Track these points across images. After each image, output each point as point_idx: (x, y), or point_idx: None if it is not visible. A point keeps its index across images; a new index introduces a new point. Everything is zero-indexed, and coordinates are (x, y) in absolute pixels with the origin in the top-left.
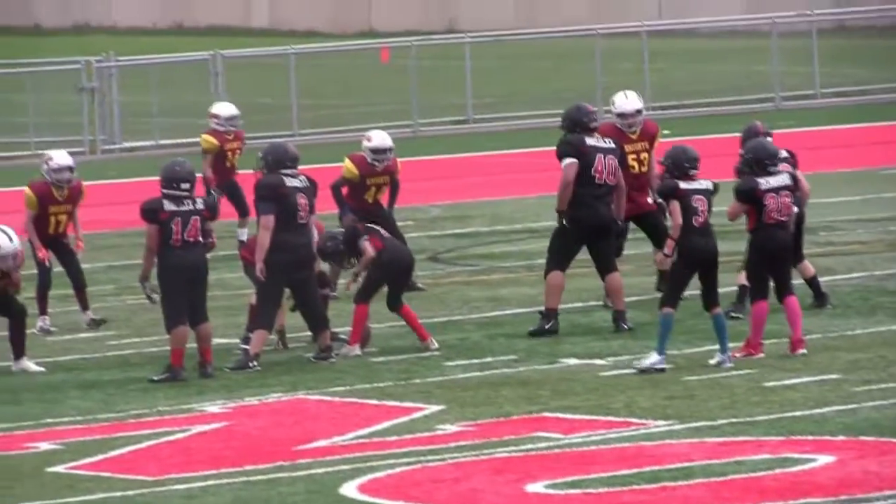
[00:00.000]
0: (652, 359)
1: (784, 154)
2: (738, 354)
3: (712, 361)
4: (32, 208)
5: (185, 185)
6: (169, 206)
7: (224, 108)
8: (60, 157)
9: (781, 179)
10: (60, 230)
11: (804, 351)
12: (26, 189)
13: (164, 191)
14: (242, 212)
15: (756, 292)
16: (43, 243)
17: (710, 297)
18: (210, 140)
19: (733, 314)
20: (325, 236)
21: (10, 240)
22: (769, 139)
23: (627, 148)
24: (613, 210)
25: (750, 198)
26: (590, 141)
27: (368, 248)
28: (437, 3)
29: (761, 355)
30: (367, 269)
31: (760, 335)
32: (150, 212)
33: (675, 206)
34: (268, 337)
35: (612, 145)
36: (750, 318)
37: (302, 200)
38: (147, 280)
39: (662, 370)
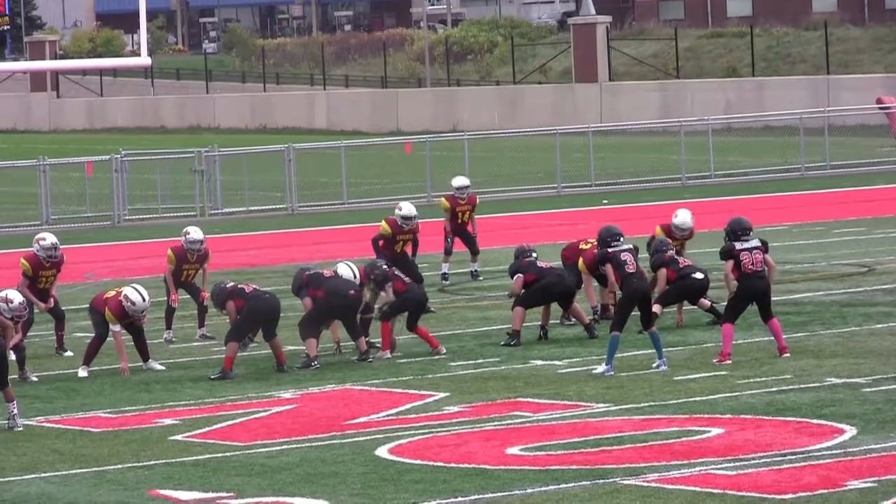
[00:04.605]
0: (602, 368)
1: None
2: (715, 361)
3: (654, 365)
4: (172, 264)
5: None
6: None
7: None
8: (195, 233)
9: (753, 243)
10: (190, 280)
11: (788, 355)
12: (169, 250)
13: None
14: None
15: (729, 318)
16: (176, 286)
17: (647, 321)
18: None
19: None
20: (369, 265)
21: (144, 299)
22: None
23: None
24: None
25: (730, 256)
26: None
27: (390, 293)
28: (445, 110)
29: (728, 362)
30: (390, 303)
31: (730, 346)
32: (223, 299)
33: (610, 266)
34: (318, 345)
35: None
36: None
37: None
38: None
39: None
